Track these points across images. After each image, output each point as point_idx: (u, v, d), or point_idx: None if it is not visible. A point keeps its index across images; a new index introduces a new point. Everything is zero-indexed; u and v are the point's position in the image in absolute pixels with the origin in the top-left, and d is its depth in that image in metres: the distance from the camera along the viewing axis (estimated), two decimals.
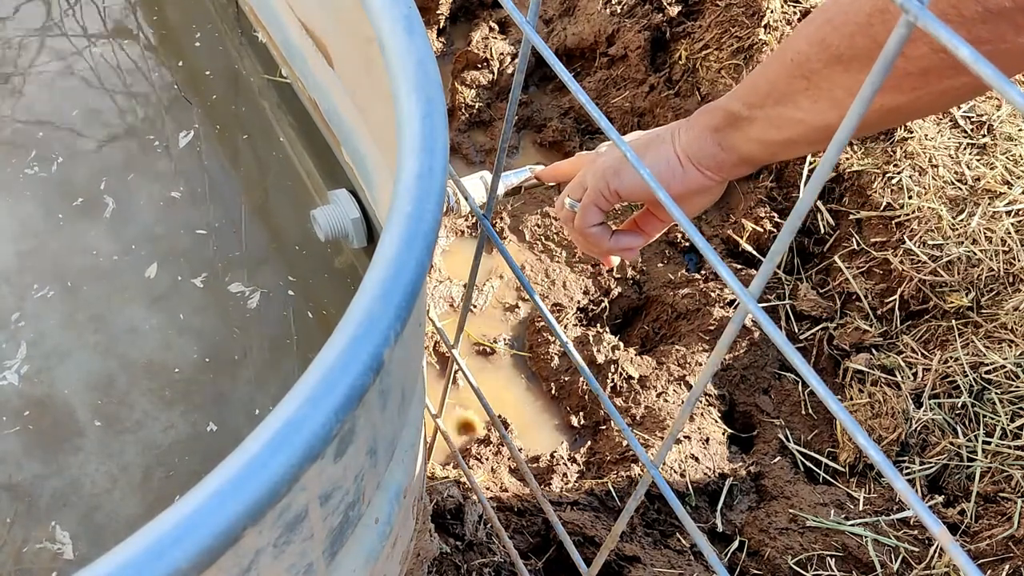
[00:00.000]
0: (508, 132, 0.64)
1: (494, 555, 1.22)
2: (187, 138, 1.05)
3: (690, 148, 0.66)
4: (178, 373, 0.89)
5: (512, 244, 1.69)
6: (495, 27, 1.97)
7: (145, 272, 0.95)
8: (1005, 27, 0.46)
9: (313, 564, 0.53)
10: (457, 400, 1.50)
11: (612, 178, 0.69)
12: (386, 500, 0.66)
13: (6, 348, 0.89)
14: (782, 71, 0.58)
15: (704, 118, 0.66)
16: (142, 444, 0.85)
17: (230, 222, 0.99)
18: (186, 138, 1.05)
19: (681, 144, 0.67)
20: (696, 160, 0.66)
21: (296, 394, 0.39)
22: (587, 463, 1.43)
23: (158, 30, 1.16)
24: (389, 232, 0.46)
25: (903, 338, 1.49)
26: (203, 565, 0.36)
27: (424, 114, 0.52)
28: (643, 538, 1.30)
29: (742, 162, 0.65)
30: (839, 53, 0.54)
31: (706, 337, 1.54)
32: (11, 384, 0.87)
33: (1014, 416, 1.36)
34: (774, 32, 1.74)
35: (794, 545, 1.27)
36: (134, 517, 0.82)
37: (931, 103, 0.54)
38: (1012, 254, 1.49)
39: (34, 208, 0.98)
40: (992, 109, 1.69)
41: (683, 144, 0.67)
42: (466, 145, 1.85)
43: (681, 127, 0.68)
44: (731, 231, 1.69)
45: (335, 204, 0.84)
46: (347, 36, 0.79)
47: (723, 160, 0.66)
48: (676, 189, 0.68)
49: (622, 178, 0.69)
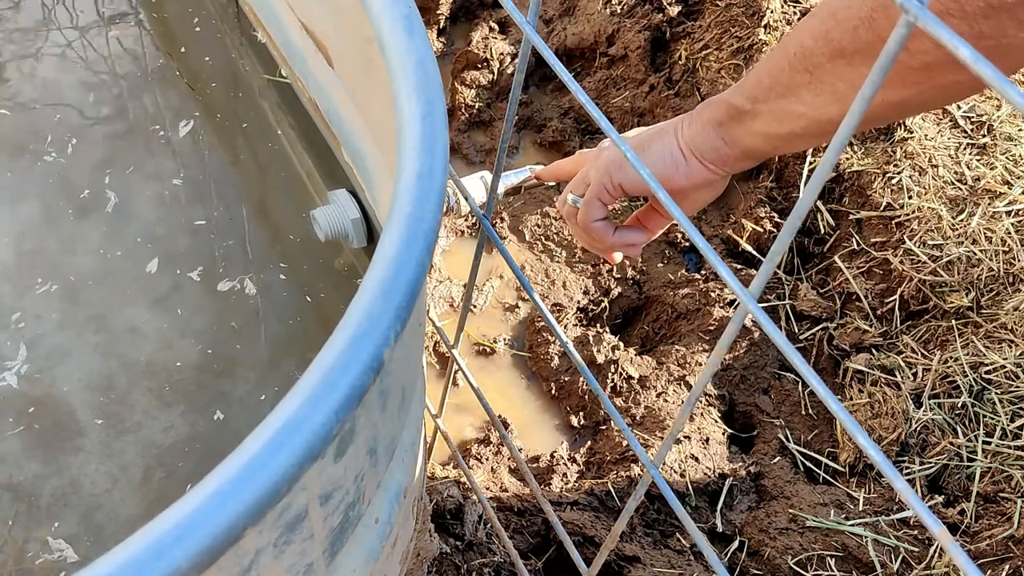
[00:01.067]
0: (508, 132, 0.64)
1: (494, 555, 1.22)
2: (187, 139, 1.05)
3: (693, 142, 0.67)
4: (178, 373, 0.89)
5: (512, 244, 1.69)
6: (495, 27, 1.97)
7: (145, 273, 0.95)
8: (1007, 22, 0.46)
9: (313, 564, 0.53)
10: (457, 400, 1.50)
11: (616, 172, 0.69)
12: (386, 500, 0.66)
13: (6, 348, 0.89)
14: (785, 65, 0.58)
15: (707, 112, 0.66)
16: (142, 444, 0.85)
17: (230, 223, 0.99)
18: (186, 139, 1.05)
19: (685, 138, 0.67)
20: (700, 153, 0.67)
21: (296, 394, 0.39)
22: (587, 463, 1.43)
23: (158, 28, 1.16)
24: (389, 232, 0.46)
25: (903, 338, 1.49)
26: (203, 565, 0.36)
27: (424, 114, 0.52)
28: (643, 538, 1.30)
29: (745, 156, 0.66)
30: (842, 47, 0.54)
31: (706, 337, 1.54)
32: (11, 384, 0.87)
33: (1014, 416, 1.36)
34: (774, 32, 1.74)
35: (794, 545, 1.27)
36: (134, 517, 0.82)
37: (934, 97, 0.54)
38: (1012, 254, 1.49)
39: (34, 208, 0.98)
40: (992, 109, 1.69)
41: (687, 138, 0.67)
42: (466, 145, 1.85)
43: (684, 121, 0.68)
44: (731, 231, 1.69)
45: (335, 204, 0.84)
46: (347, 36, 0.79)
47: (726, 154, 0.66)
48: (680, 183, 0.68)
49: (626, 172, 0.69)
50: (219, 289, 0.95)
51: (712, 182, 0.69)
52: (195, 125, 1.06)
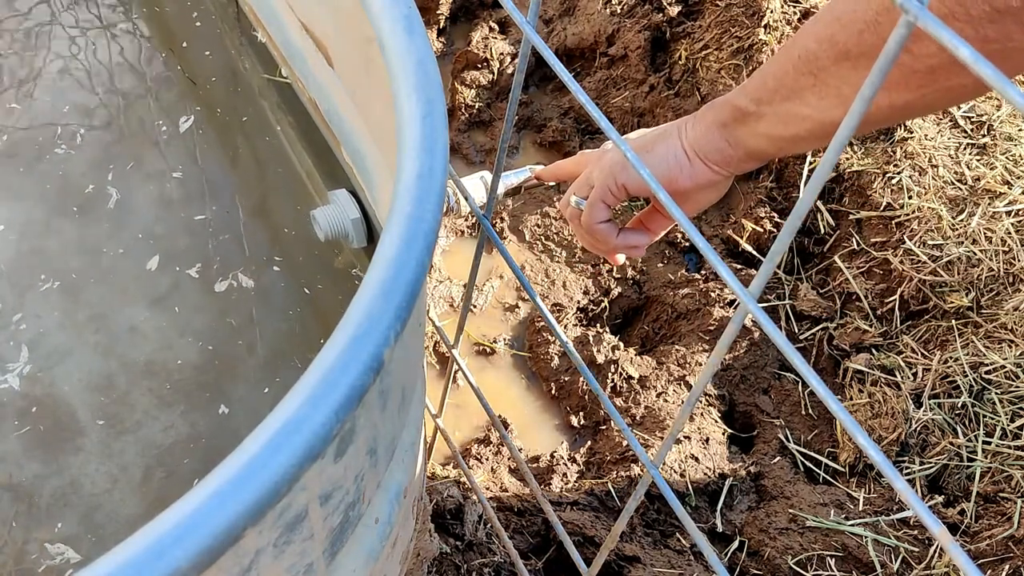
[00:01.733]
0: (508, 132, 0.64)
1: (494, 555, 1.22)
2: (186, 139, 1.05)
3: (697, 143, 0.67)
4: (178, 372, 0.89)
5: (512, 244, 1.69)
6: (495, 27, 1.97)
7: (145, 273, 0.95)
8: (1012, 26, 0.46)
9: (313, 564, 0.53)
10: (457, 400, 1.50)
11: (620, 173, 0.70)
12: (386, 500, 0.66)
13: (8, 349, 0.89)
14: (789, 68, 0.58)
15: (711, 113, 0.66)
16: (142, 444, 0.85)
17: (230, 223, 0.99)
18: (185, 139, 1.05)
19: (688, 139, 0.67)
20: (704, 155, 0.67)
21: (296, 394, 0.39)
22: (587, 463, 1.43)
23: (158, 27, 1.16)
24: (389, 232, 0.46)
25: (903, 338, 1.49)
26: (203, 565, 0.36)
27: (424, 114, 0.52)
28: (643, 538, 1.30)
29: (749, 157, 0.66)
30: (847, 50, 0.54)
31: (706, 337, 1.54)
32: (11, 384, 0.87)
33: (1014, 416, 1.36)
34: (774, 32, 1.74)
35: (794, 545, 1.27)
36: (134, 517, 0.82)
37: (938, 100, 0.54)
38: (1012, 254, 1.49)
39: (35, 206, 0.98)
40: (992, 109, 1.69)
41: (691, 139, 0.67)
42: (466, 145, 1.85)
43: (688, 122, 0.68)
44: (731, 231, 1.69)
45: (335, 204, 0.84)
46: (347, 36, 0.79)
47: (730, 155, 0.66)
48: (684, 184, 0.68)
49: (630, 172, 0.69)
50: (219, 288, 0.95)
51: (716, 183, 0.69)
52: (195, 123, 1.06)
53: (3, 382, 0.87)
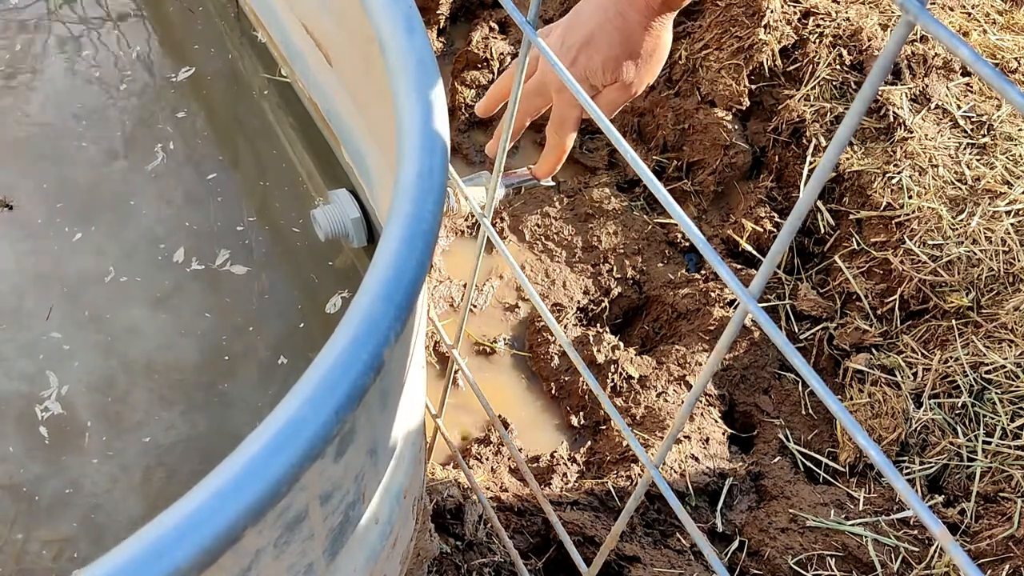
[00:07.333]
0: (508, 132, 0.64)
1: (494, 555, 1.22)
2: (186, 139, 1.06)
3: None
4: (178, 373, 0.89)
5: (512, 244, 1.69)
6: (495, 27, 1.97)
7: (145, 273, 0.95)
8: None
9: (313, 564, 0.53)
10: (457, 400, 1.50)
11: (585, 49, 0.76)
12: (386, 500, 0.66)
13: (7, 349, 0.89)
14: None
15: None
16: (142, 444, 0.85)
17: (230, 222, 1.00)
18: (185, 139, 1.06)
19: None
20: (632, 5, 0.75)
21: (297, 394, 0.39)
22: (587, 463, 1.43)
23: (157, 27, 1.16)
24: (389, 232, 0.46)
25: (903, 338, 1.49)
26: (203, 565, 0.36)
27: (424, 114, 0.52)
28: (643, 538, 1.30)
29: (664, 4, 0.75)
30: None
31: (706, 337, 1.54)
32: (11, 384, 0.87)
33: (1014, 416, 1.36)
34: (774, 32, 1.74)
35: (794, 545, 1.27)
36: (134, 517, 0.82)
37: None
38: (1012, 254, 1.49)
39: (35, 207, 0.98)
40: (992, 109, 1.69)
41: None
42: (466, 145, 1.85)
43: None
44: (731, 231, 1.69)
45: (335, 204, 0.85)
46: (347, 36, 0.79)
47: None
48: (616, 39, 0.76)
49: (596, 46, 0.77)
50: (219, 288, 0.95)
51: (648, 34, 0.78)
52: (196, 123, 1.06)
53: (3, 382, 0.87)
